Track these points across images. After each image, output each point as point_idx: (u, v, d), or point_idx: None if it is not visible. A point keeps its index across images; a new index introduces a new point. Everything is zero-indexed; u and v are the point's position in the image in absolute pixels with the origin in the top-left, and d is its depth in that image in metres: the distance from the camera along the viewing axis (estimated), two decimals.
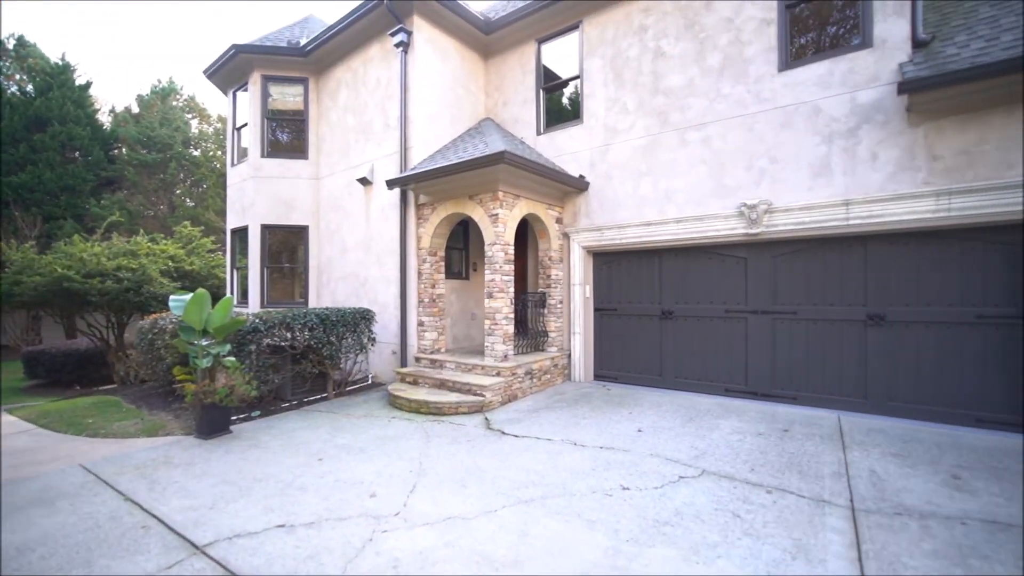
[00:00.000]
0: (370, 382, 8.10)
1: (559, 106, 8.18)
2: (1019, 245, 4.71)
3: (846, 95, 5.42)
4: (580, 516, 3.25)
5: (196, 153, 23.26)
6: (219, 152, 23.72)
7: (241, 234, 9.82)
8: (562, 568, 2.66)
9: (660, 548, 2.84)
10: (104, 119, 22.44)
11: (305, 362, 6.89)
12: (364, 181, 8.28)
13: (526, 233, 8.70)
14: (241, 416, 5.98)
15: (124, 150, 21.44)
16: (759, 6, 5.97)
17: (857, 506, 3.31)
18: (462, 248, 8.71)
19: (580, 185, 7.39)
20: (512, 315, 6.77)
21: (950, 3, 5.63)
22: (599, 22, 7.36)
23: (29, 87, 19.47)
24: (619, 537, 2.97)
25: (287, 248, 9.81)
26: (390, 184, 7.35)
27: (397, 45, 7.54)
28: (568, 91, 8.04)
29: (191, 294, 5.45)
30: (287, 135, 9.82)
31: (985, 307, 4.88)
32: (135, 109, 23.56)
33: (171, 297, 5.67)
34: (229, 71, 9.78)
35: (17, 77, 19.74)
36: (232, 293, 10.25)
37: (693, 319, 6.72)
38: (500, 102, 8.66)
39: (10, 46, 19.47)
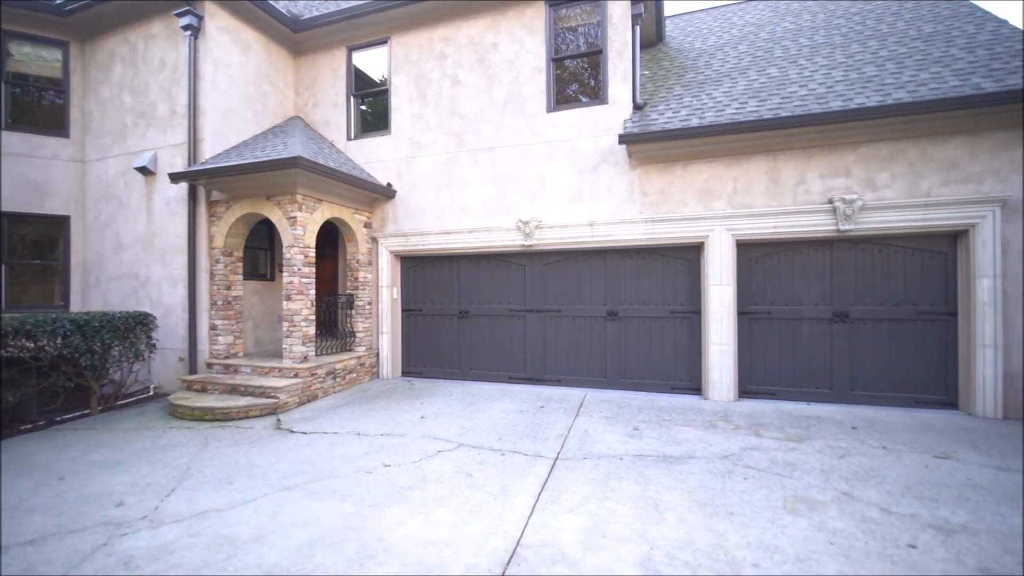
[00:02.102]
0: (152, 393, 7.33)
1: (371, 114, 8.49)
2: (695, 261, 6.62)
3: (592, 139, 6.87)
4: (336, 493, 3.71)
5: None
6: None
7: None
8: (301, 535, 3.08)
9: (395, 507, 3.45)
10: None
11: (57, 375, 6.01)
12: (145, 171, 7.44)
13: (337, 236, 8.81)
14: None
15: None
16: (533, 55, 7.16)
17: (561, 456, 4.41)
18: (267, 248, 8.41)
19: (387, 193, 7.82)
20: (312, 317, 6.88)
21: (661, 77, 7.53)
22: (405, 42, 7.89)
23: None
24: (364, 504, 3.51)
25: (44, 241, 8.21)
26: (175, 178, 6.81)
27: (184, 28, 7.00)
28: (379, 101, 8.39)
29: None
30: (39, 106, 8.20)
31: (675, 305, 6.72)
32: None
33: None
34: None
35: None
36: None
37: (485, 317, 7.70)
38: (311, 102, 8.60)
39: None
